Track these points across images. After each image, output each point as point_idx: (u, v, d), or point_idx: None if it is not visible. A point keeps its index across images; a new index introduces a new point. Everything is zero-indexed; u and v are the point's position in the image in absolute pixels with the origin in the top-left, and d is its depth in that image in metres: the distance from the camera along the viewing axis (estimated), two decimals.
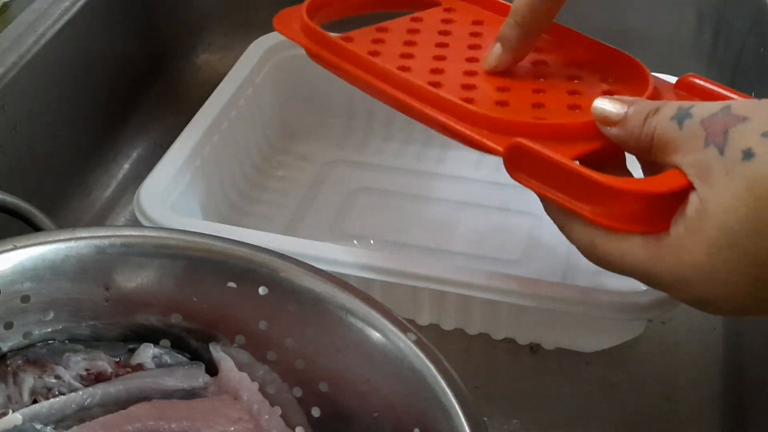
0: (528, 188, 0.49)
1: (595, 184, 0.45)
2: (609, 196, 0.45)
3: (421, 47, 0.59)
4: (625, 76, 0.56)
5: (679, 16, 0.83)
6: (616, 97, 0.49)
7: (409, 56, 0.58)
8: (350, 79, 0.57)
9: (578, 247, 0.49)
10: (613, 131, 0.48)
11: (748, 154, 0.41)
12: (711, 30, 0.81)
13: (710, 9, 0.81)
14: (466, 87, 0.55)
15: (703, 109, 0.44)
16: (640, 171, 0.50)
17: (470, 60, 0.58)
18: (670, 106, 0.46)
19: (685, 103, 0.45)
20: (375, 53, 0.58)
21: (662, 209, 0.45)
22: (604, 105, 0.48)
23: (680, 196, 0.44)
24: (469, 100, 0.53)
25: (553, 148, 0.48)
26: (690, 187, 0.43)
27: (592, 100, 0.51)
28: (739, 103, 0.44)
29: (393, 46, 0.59)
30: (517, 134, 0.49)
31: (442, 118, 0.52)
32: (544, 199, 0.50)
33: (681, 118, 0.45)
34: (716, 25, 0.81)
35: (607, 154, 0.50)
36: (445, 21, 0.62)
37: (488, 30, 0.60)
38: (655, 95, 0.53)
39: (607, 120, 0.48)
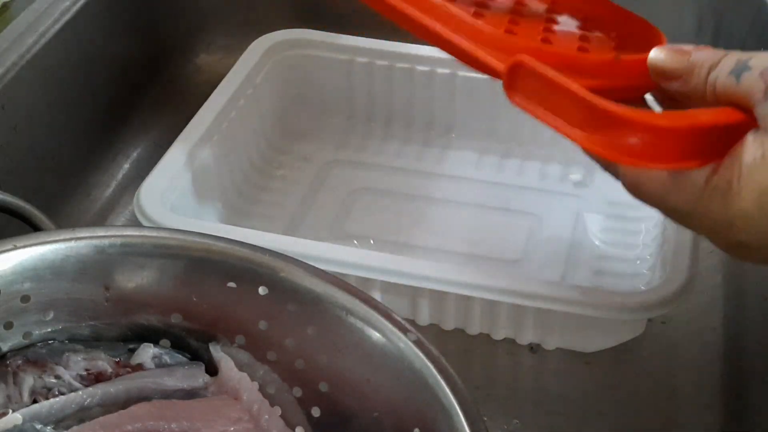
0: (524, 111, 0.46)
1: (596, 110, 0.43)
2: (610, 123, 0.43)
3: None
4: (638, 39, 0.53)
5: (679, 16, 0.83)
6: (674, 47, 0.46)
7: None
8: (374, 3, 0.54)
9: (623, 183, 0.46)
10: (674, 86, 0.45)
11: None
12: (711, 30, 0.81)
13: (710, 9, 0.81)
14: (477, 15, 0.53)
15: (762, 60, 0.43)
16: None
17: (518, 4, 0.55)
18: (729, 59, 0.44)
19: (744, 55, 0.43)
20: None
21: (673, 146, 0.43)
22: (661, 56, 0.45)
23: (700, 134, 0.42)
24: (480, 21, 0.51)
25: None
26: (720, 126, 0.42)
27: (600, 50, 0.49)
28: None
29: None
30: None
31: (447, 34, 0.50)
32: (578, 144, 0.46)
33: (739, 71, 0.43)
34: (716, 25, 0.81)
35: (621, 95, 0.47)
36: None
37: None
38: None
39: (666, 74, 0.46)
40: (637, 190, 0.45)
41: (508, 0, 0.56)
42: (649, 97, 0.51)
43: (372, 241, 0.70)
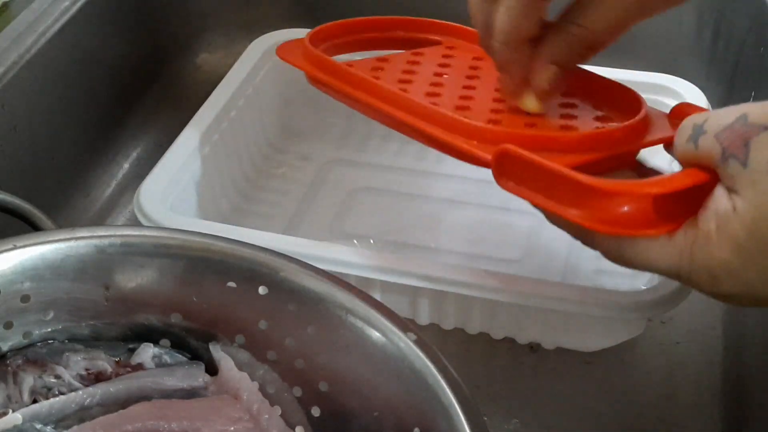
0: (517, 196, 0.48)
1: (583, 188, 0.45)
2: (596, 198, 0.45)
3: (419, 76, 0.59)
4: (617, 104, 0.55)
5: (679, 16, 0.83)
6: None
7: (407, 82, 0.58)
8: (348, 101, 0.58)
9: (604, 254, 0.48)
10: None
11: None
12: (711, 30, 0.81)
13: (710, 9, 0.81)
14: (461, 108, 0.55)
15: (716, 120, 0.43)
16: None
17: (467, 88, 0.58)
18: (687, 125, 0.45)
19: (700, 117, 0.44)
20: (374, 77, 0.58)
21: (657, 211, 0.45)
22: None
23: (676, 196, 0.44)
24: (464, 115, 0.53)
25: (544, 157, 0.47)
26: (695, 186, 0.43)
27: (583, 123, 0.51)
28: (755, 110, 0.42)
29: (392, 74, 0.60)
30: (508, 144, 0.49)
31: (433, 131, 0.53)
32: (551, 216, 0.50)
33: (696, 136, 0.44)
34: (716, 25, 0.81)
35: (610, 166, 0.50)
36: (446, 56, 0.63)
37: (487, 65, 0.60)
38: (646, 122, 0.53)
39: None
40: (622, 260, 0.47)
41: (493, 79, 0.58)
42: None
43: (372, 241, 0.70)
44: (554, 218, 0.50)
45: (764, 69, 0.71)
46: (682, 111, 0.53)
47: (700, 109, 0.53)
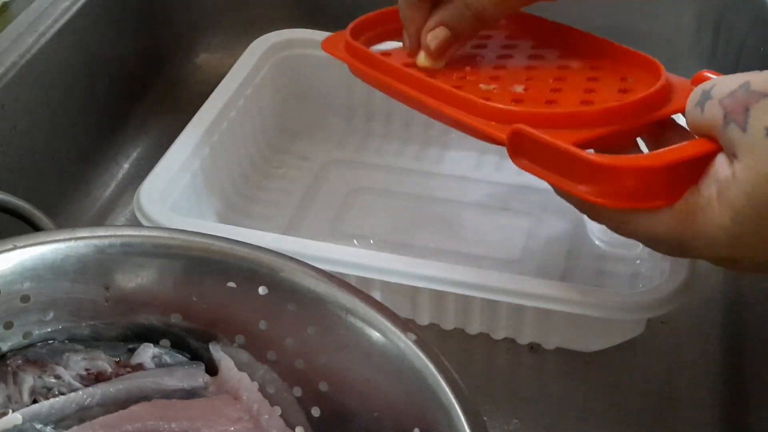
0: (530, 173, 0.50)
1: (588, 164, 0.47)
2: (603, 174, 0.47)
3: (452, 59, 0.61)
4: (641, 74, 0.57)
5: (679, 16, 0.83)
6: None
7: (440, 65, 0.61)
8: (383, 88, 0.61)
9: (609, 227, 0.50)
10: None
11: None
12: (711, 30, 0.81)
13: (710, 9, 0.81)
14: (490, 81, 0.58)
15: (722, 86, 0.45)
16: None
17: (497, 68, 0.60)
18: (696, 93, 0.46)
19: (708, 84, 0.46)
20: (409, 65, 0.60)
21: (663, 183, 0.46)
22: None
23: (680, 168, 0.45)
24: (487, 98, 0.55)
25: (557, 135, 0.50)
26: (696, 158, 0.45)
27: (604, 97, 0.53)
28: (758, 78, 0.44)
29: None
30: (522, 123, 0.51)
31: (454, 113, 0.55)
32: (560, 190, 0.51)
33: (703, 101, 0.45)
34: (716, 25, 0.81)
35: (620, 140, 0.52)
36: (482, 37, 0.64)
37: (521, 46, 0.63)
38: (665, 92, 0.54)
39: None
40: (627, 230, 0.49)
41: (524, 57, 0.61)
42: None
43: (372, 241, 0.70)
44: (564, 193, 0.51)
45: (764, 69, 0.71)
46: (702, 79, 0.54)
47: (720, 76, 0.54)
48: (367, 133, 0.80)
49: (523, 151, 0.50)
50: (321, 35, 0.74)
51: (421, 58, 0.59)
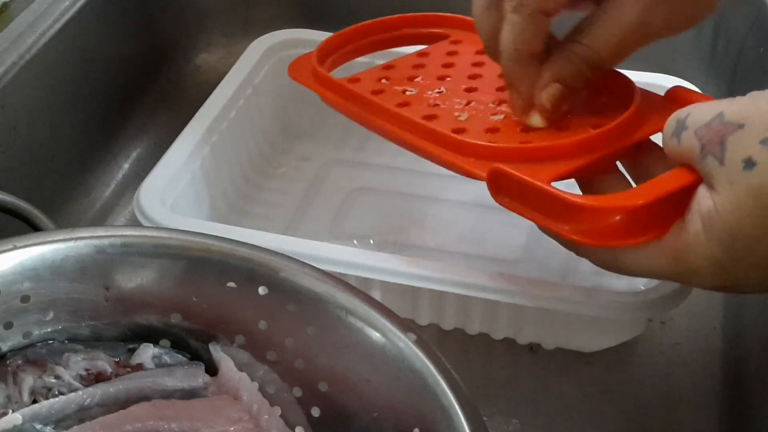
0: (513, 212, 0.50)
1: (571, 205, 0.47)
2: (586, 214, 0.46)
3: (423, 82, 0.61)
4: (613, 91, 0.56)
5: None
6: None
7: (411, 91, 0.60)
8: (356, 119, 0.60)
9: (598, 264, 0.50)
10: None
11: (749, 163, 0.41)
12: (711, 30, 0.81)
13: None
14: (464, 111, 0.57)
15: (697, 116, 0.44)
16: None
17: (469, 90, 0.60)
18: (671, 121, 0.46)
19: (683, 112, 0.45)
20: (378, 92, 0.60)
21: (647, 219, 0.46)
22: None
23: (664, 201, 0.45)
24: (462, 131, 0.55)
25: (537, 169, 0.49)
26: (680, 190, 0.45)
27: (580, 121, 0.53)
28: (731, 107, 0.43)
29: (397, 83, 0.61)
30: (501, 160, 0.51)
31: (433, 149, 0.55)
32: (545, 228, 0.51)
33: (679, 132, 0.45)
34: (716, 25, 0.81)
35: (600, 167, 0.52)
36: (451, 53, 0.64)
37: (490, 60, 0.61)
38: (640, 114, 0.54)
39: None
40: (616, 267, 0.49)
41: (495, 76, 0.60)
42: None
43: (372, 241, 0.70)
44: (548, 231, 0.51)
45: (764, 69, 0.71)
46: (677, 95, 0.54)
47: (693, 93, 0.54)
48: (367, 133, 0.79)
49: (504, 189, 0.50)
50: (321, 35, 0.74)
51: (535, 119, 0.55)
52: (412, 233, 0.70)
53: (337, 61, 0.64)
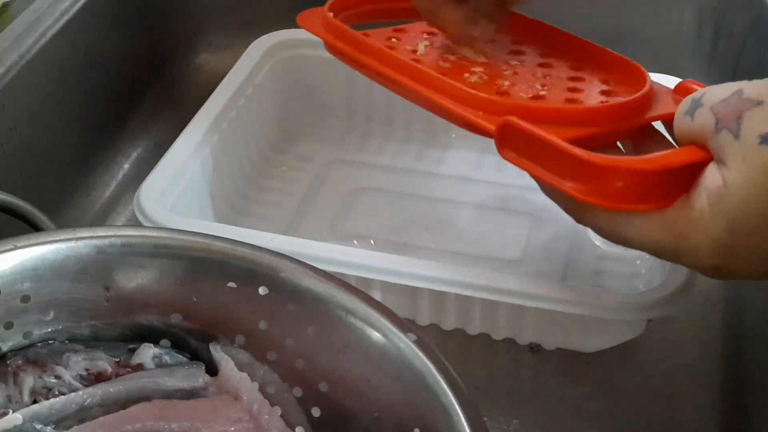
0: (517, 167, 0.50)
1: (580, 162, 0.46)
2: (594, 173, 0.46)
3: (433, 47, 0.60)
4: (624, 79, 0.57)
5: (679, 16, 0.83)
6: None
7: (421, 52, 0.60)
8: (362, 69, 0.59)
9: (595, 230, 0.50)
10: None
11: (765, 139, 0.41)
12: (711, 30, 0.81)
13: (710, 9, 0.81)
14: (473, 75, 0.57)
15: (713, 94, 0.45)
16: None
17: (481, 62, 0.59)
18: (685, 102, 0.46)
19: (698, 93, 0.46)
20: (389, 48, 0.59)
21: (653, 187, 0.46)
22: None
23: (672, 173, 0.45)
24: (473, 88, 0.55)
25: (545, 130, 0.49)
26: (688, 165, 0.45)
27: (589, 98, 0.53)
28: (751, 86, 0.43)
29: (407, 44, 0.61)
30: (510, 115, 0.50)
31: (443, 101, 0.54)
32: (548, 187, 0.51)
33: (693, 109, 0.45)
34: (716, 25, 0.81)
35: (603, 142, 0.52)
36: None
37: (503, 33, 0.62)
38: (650, 98, 0.54)
39: None
40: (614, 233, 0.48)
41: (506, 49, 0.61)
42: None
43: (372, 241, 0.70)
44: (550, 191, 0.51)
45: (764, 69, 0.71)
46: (686, 88, 0.54)
47: (703, 87, 0.54)
48: (367, 133, 0.80)
49: (512, 143, 0.50)
50: None
51: (467, 51, 0.59)
52: (412, 233, 0.70)
53: (348, 20, 0.63)
